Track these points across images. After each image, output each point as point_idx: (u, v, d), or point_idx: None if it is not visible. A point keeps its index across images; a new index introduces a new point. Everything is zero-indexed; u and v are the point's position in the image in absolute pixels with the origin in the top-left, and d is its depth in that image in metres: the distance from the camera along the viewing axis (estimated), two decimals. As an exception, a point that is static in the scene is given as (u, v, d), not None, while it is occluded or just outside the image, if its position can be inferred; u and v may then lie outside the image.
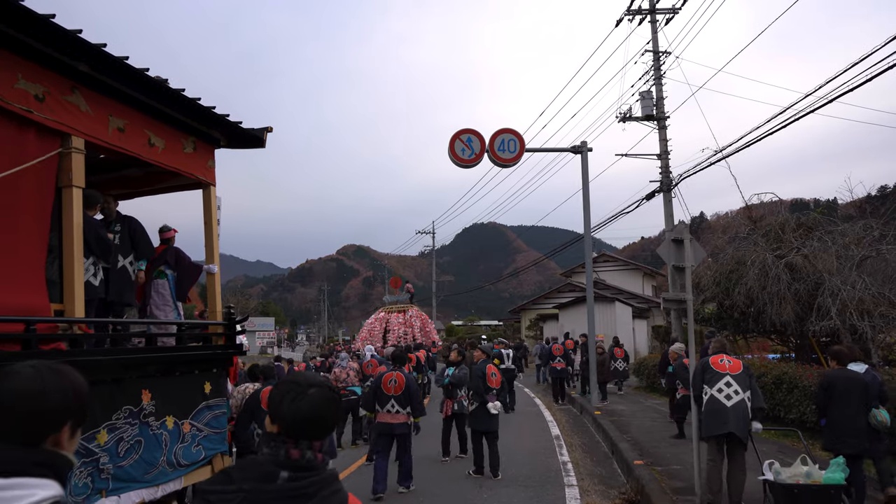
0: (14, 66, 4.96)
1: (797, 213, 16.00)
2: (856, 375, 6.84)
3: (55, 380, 1.78)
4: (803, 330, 13.06)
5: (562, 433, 12.43)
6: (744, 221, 17.34)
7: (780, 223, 14.28)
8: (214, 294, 7.79)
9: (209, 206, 7.69)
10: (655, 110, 18.33)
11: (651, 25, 18.51)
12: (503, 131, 15.67)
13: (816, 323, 11.89)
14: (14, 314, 4.75)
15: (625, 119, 19.02)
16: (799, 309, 12.48)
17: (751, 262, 13.24)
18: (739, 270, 13.65)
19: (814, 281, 12.34)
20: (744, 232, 16.08)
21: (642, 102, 18.56)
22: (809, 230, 13.71)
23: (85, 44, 5.23)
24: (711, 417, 6.82)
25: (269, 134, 7.69)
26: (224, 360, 7.23)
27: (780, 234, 13.90)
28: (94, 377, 5.14)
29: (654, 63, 18.35)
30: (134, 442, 5.68)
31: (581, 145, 16.43)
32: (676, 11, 18.07)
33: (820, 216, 14.45)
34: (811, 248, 12.77)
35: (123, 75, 5.81)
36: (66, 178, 5.42)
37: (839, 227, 13.36)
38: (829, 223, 13.76)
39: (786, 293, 12.41)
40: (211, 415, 6.83)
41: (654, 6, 18.36)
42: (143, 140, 6.31)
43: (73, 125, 5.47)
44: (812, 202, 35.90)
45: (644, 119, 18.55)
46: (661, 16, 18.40)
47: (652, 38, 18.47)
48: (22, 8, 4.66)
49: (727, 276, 14.10)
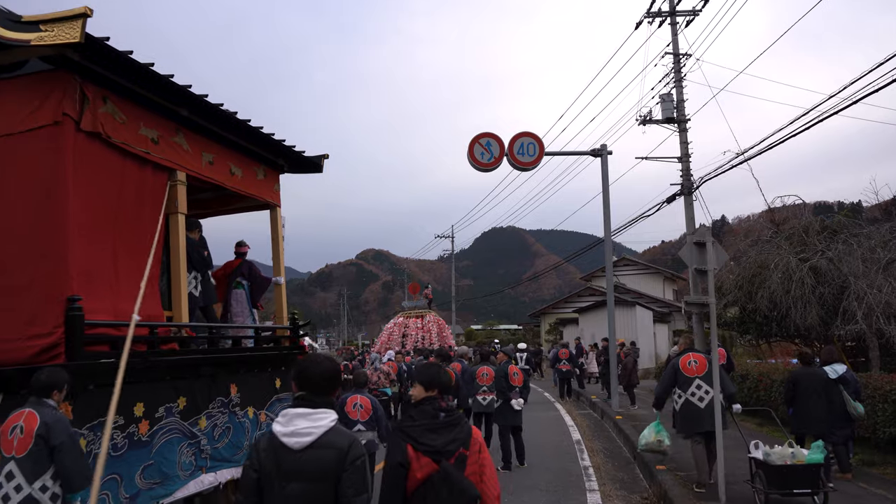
0: (139, 117, 6.01)
1: (821, 216, 15.80)
2: (817, 372, 8.13)
3: (334, 362, 3.21)
4: (828, 334, 12.88)
5: (583, 438, 12.37)
6: (766, 224, 17.16)
7: (803, 226, 14.11)
8: (281, 302, 8.80)
9: (275, 224, 8.65)
10: (676, 113, 18.19)
11: (671, 28, 18.40)
12: (522, 135, 15.67)
13: (842, 327, 11.72)
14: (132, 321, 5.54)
15: (645, 122, 18.90)
16: (823, 313, 12.31)
17: (774, 265, 13.08)
18: (762, 274, 13.49)
19: (839, 284, 12.16)
20: (766, 235, 15.89)
21: (662, 105, 18.42)
22: (834, 233, 13.53)
23: (187, 93, 6.31)
24: (689, 419, 7.73)
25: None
26: (290, 359, 8.14)
27: (804, 237, 13.73)
28: (197, 373, 6.36)
29: (675, 65, 18.24)
30: (225, 427, 6.66)
31: (601, 148, 16.38)
32: (697, 13, 17.96)
33: (845, 219, 14.25)
34: (836, 252, 12.59)
35: (214, 116, 6.91)
36: (172, 206, 6.45)
37: (864, 229, 13.16)
38: (854, 226, 13.56)
39: (810, 297, 12.25)
40: (280, 406, 7.59)
41: (674, 8, 18.25)
42: (226, 170, 7.41)
43: (178, 161, 6.54)
44: (836, 205, 35.46)
45: (664, 122, 18.41)
46: (680, 18, 18.28)
47: (672, 40, 18.36)
48: (149, 71, 5.77)
49: (750, 279, 13.94)
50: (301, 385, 2.99)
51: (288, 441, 2.80)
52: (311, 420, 2.85)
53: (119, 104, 5.79)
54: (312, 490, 2.78)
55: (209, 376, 6.50)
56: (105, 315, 5.42)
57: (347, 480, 2.79)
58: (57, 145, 5.23)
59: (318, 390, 2.95)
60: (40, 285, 5.10)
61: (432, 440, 3.17)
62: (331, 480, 2.79)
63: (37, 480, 4.24)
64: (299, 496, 2.76)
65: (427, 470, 3.10)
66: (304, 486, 2.77)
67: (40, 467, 4.24)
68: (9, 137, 5.32)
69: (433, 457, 3.13)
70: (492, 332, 53.72)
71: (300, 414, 2.87)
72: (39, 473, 4.24)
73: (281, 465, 2.80)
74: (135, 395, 5.53)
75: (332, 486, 2.79)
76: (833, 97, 11.63)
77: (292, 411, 2.90)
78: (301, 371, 3.04)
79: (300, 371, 3.05)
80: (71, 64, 5.28)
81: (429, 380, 3.37)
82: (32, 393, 4.44)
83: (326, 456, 2.79)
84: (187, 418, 6.11)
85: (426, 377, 3.39)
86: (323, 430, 2.83)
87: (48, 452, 4.25)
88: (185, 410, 6.11)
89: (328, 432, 2.84)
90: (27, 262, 5.18)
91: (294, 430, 2.82)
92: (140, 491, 5.39)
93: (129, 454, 5.34)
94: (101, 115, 5.57)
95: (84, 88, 5.42)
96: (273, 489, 2.80)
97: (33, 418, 4.28)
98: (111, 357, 5.24)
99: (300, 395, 2.96)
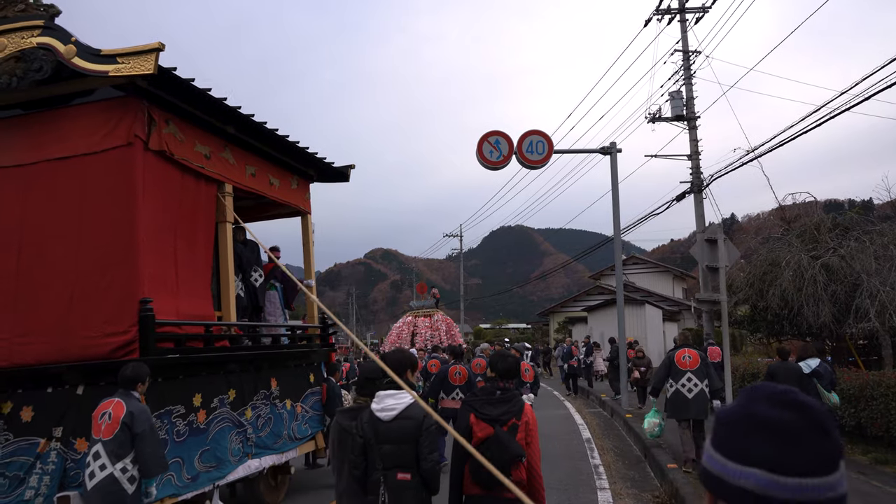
0: (194, 135, 6.69)
1: (832, 213, 15.69)
2: (792, 366, 8.83)
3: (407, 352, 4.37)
4: (840, 332, 12.79)
5: (593, 436, 12.34)
6: (777, 222, 17.05)
7: (815, 223, 14.00)
8: (312, 303, 9.19)
9: (306, 230, 9.39)
10: (685, 110, 18.09)
11: (680, 25, 18.31)
12: (531, 133, 15.61)
13: (854, 325, 11.64)
14: (195, 320, 6.46)
15: (654, 119, 18.81)
16: (836, 311, 12.21)
17: (785, 263, 12.99)
18: (773, 272, 13.40)
19: (851, 282, 12.07)
20: (777, 233, 15.80)
21: (672, 102, 18.33)
22: (846, 230, 13.43)
23: (236, 112, 6.96)
24: (677, 406, 8.85)
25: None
26: (321, 355, 8.98)
27: (816, 234, 13.63)
28: (244, 368, 7.07)
29: (684, 63, 18.14)
30: (267, 418, 7.34)
31: (610, 146, 16.30)
32: (706, 10, 17.85)
33: (856, 216, 14.15)
34: (848, 249, 12.50)
35: (257, 133, 7.62)
36: (221, 215, 7.17)
37: (877, 226, 13.06)
38: (867, 223, 13.45)
39: (822, 295, 12.16)
40: (314, 399, 8.58)
41: (684, 5, 18.15)
42: (266, 181, 8.14)
43: (226, 174, 7.23)
44: (847, 202, 35.16)
45: (674, 119, 18.32)
46: (690, 15, 18.18)
47: (681, 37, 18.26)
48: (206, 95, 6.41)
49: (761, 277, 13.85)
50: (494, 370, 4.22)
51: (380, 415, 3.84)
52: (396, 399, 3.87)
53: (179, 124, 6.45)
54: (400, 449, 3.80)
55: (254, 371, 7.24)
56: (168, 315, 5.99)
57: (424, 442, 3.81)
58: (129, 164, 5.88)
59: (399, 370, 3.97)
60: (117, 288, 5.73)
61: (489, 411, 3.99)
62: (412, 442, 3.80)
63: (119, 462, 4.78)
64: (391, 454, 3.80)
65: (485, 433, 3.93)
66: (394, 446, 3.80)
67: (123, 451, 4.79)
68: (86, 157, 5.94)
69: (490, 423, 3.95)
70: (500, 331, 53.64)
71: (388, 394, 3.90)
72: (122, 456, 4.79)
73: (377, 432, 3.83)
74: (194, 387, 6.23)
75: (413, 446, 3.80)
76: (844, 94, 11.55)
77: (383, 393, 3.91)
78: (385, 358, 4.15)
79: (385, 358, 4.16)
80: (139, 90, 5.89)
81: (492, 365, 4.26)
82: (120, 385, 5.02)
83: (408, 425, 3.81)
84: (236, 409, 6.81)
85: (492, 363, 4.29)
86: (404, 405, 3.84)
87: (131, 438, 4.82)
88: (234, 402, 6.81)
89: (408, 407, 3.84)
90: (105, 267, 5.80)
91: (384, 407, 3.84)
92: (199, 473, 6.05)
93: (190, 440, 6.00)
94: (165, 136, 6.21)
95: (151, 112, 6.05)
96: (373, 449, 3.83)
97: (120, 407, 4.85)
98: (175, 353, 6.00)
99: (388, 381, 3.92)
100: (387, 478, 3.79)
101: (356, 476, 3.93)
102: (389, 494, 3.76)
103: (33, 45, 5.73)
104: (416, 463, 3.81)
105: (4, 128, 6.30)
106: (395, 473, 3.79)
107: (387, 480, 3.78)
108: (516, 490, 2.75)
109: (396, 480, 3.78)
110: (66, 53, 5.62)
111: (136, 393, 5.03)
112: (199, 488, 6.02)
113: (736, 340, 21.40)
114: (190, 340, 6.44)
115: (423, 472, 3.81)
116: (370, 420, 3.87)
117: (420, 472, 3.81)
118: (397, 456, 3.79)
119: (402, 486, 3.77)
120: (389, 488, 3.77)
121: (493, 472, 3.02)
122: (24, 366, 5.84)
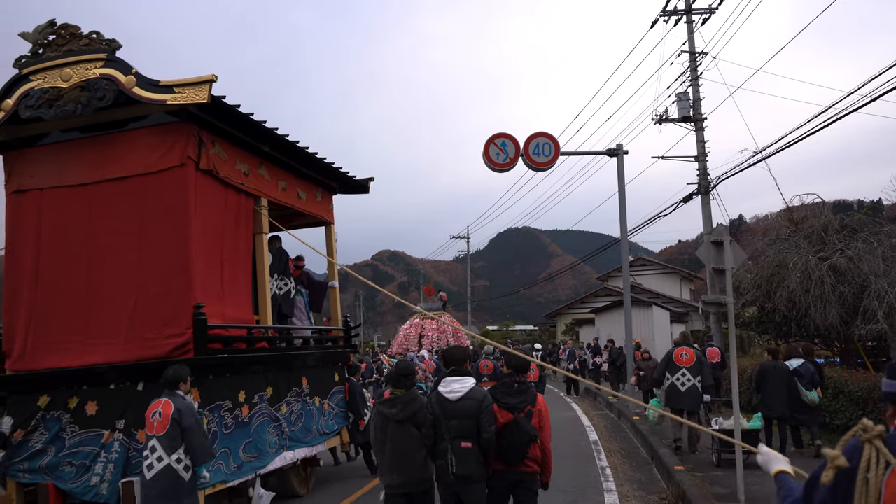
0: (235, 154, 7.34)
1: (840, 215, 15.61)
2: (780, 365, 9.60)
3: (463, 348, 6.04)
4: (848, 334, 12.73)
5: (600, 438, 12.32)
6: (784, 223, 16.97)
7: (822, 225, 13.94)
8: (336, 306, 10.28)
9: (330, 239, 10.04)
10: (692, 112, 18.06)
11: (687, 26, 18.26)
12: (538, 135, 15.62)
13: (862, 326, 11.58)
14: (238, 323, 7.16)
15: (661, 121, 18.77)
16: (844, 312, 12.15)
17: (793, 264, 12.94)
18: (781, 273, 13.34)
19: (859, 283, 12.02)
20: (785, 234, 15.73)
21: (679, 104, 18.28)
22: (854, 231, 13.37)
23: (270, 132, 7.60)
24: (672, 397, 9.92)
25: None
26: (345, 356, 9.74)
27: (823, 235, 13.57)
28: (279, 367, 7.75)
29: (691, 64, 18.11)
30: (299, 413, 8.04)
31: (617, 148, 16.31)
32: (713, 11, 17.80)
33: (865, 217, 14.08)
34: (856, 250, 12.45)
35: (288, 150, 8.29)
36: (258, 227, 7.81)
37: (885, 227, 13.00)
38: (875, 224, 13.39)
39: (830, 296, 12.10)
40: (339, 397, 9.29)
41: (690, 6, 18.11)
42: (295, 194, 8.77)
43: (262, 189, 7.89)
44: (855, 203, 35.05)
45: (681, 121, 18.27)
46: (697, 16, 18.13)
47: (688, 38, 18.22)
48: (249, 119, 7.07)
49: (768, 279, 13.79)
50: (448, 363, 5.25)
51: (448, 396, 4.91)
52: (460, 383, 4.95)
53: (223, 145, 7.11)
54: (464, 423, 4.80)
55: (288, 370, 7.92)
56: (216, 319, 6.57)
57: (484, 417, 4.79)
58: (183, 182, 6.54)
59: (459, 362, 5.14)
60: (174, 295, 6.38)
61: (509, 400, 5.02)
62: (474, 418, 4.78)
63: (173, 454, 5.39)
64: (457, 427, 4.80)
65: (506, 418, 4.93)
66: (460, 421, 4.81)
67: (175, 443, 5.40)
68: (144, 176, 6.62)
69: (509, 410, 4.95)
70: (507, 333, 53.59)
71: (454, 380, 4.97)
72: (175, 448, 5.40)
73: (445, 410, 4.86)
74: (238, 385, 6.93)
75: (475, 421, 4.78)
76: (852, 94, 11.51)
77: (450, 379, 5.00)
78: (447, 354, 5.51)
79: (447, 354, 5.52)
80: (191, 115, 6.53)
81: (507, 363, 5.54)
82: (165, 385, 5.63)
83: (471, 404, 4.83)
84: (273, 405, 7.49)
85: (507, 361, 5.56)
86: (467, 388, 4.91)
87: (180, 432, 5.41)
88: (271, 398, 7.48)
89: (470, 390, 4.90)
90: (163, 275, 6.46)
91: (451, 389, 4.92)
92: (243, 463, 6.70)
93: (236, 432, 6.68)
94: (212, 156, 6.87)
95: (201, 135, 6.71)
96: (441, 423, 4.85)
97: (169, 405, 5.45)
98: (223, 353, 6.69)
99: (452, 369, 5.08)
100: (453, 445, 4.79)
101: (427, 445, 4.92)
102: (455, 458, 4.77)
103: (97, 75, 6.35)
104: (476, 434, 4.77)
105: (66, 150, 7.00)
106: (460, 442, 4.79)
107: (453, 447, 4.79)
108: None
109: (460, 448, 4.79)
110: (127, 83, 6.24)
111: (180, 391, 5.61)
112: (244, 476, 6.72)
113: (744, 342, 21.30)
114: (235, 342, 7.10)
115: (482, 442, 4.78)
116: (438, 401, 4.92)
117: (480, 441, 4.78)
118: (462, 428, 4.79)
119: (464, 452, 4.78)
120: (455, 453, 4.78)
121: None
122: (90, 365, 6.50)
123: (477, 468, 4.83)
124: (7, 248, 7.18)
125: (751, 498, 7.02)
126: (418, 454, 4.96)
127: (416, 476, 4.98)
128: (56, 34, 6.67)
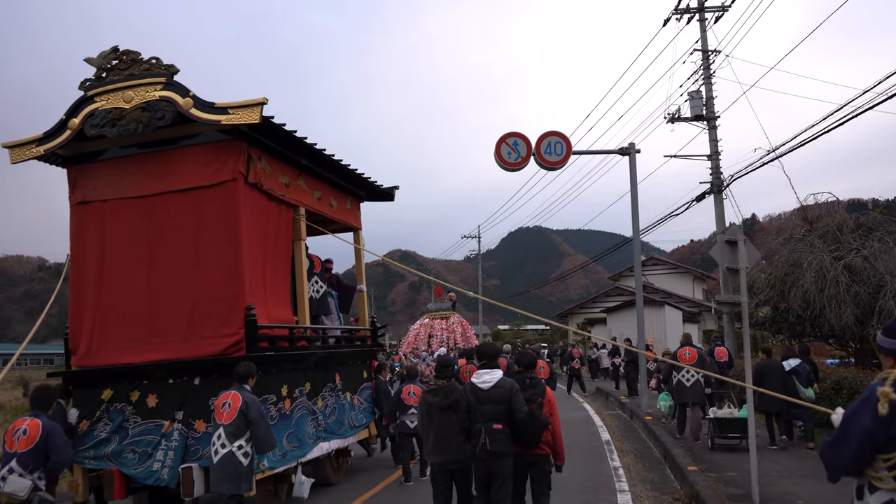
0: (277, 168, 8.01)
1: (855, 214, 15.47)
2: (776, 364, 10.39)
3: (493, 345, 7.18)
4: (863, 334, 12.62)
5: (612, 438, 12.28)
6: (799, 222, 16.86)
7: (837, 224, 13.84)
8: (363, 307, 11.05)
9: (357, 243, 10.74)
10: (705, 110, 17.96)
11: (700, 24, 18.17)
12: (549, 134, 15.56)
13: (878, 327, 11.46)
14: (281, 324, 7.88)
15: (673, 120, 18.68)
16: (859, 312, 12.06)
17: (807, 264, 12.85)
18: (795, 273, 13.25)
19: (875, 283, 11.92)
20: (799, 233, 15.62)
21: (691, 102, 18.19)
22: (869, 231, 13.26)
23: (308, 146, 8.27)
24: (678, 392, 11.30)
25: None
26: (372, 354, 10.49)
27: (838, 234, 13.47)
28: (316, 364, 8.43)
29: (704, 62, 18.01)
30: (333, 407, 8.74)
31: (629, 147, 16.21)
32: (726, 9, 17.70)
33: (880, 216, 13.96)
34: (871, 250, 12.35)
35: (324, 162, 8.94)
36: (296, 234, 8.49)
37: (901, 226, 12.88)
38: (890, 223, 13.27)
39: (845, 296, 12.01)
40: (367, 392, 9.99)
41: (703, 4, 18.01)
42: (328, 203, 9.48)
43: (300, 199, 8.57)
44: (870, 202, 34.68)
45: (693, 119, 18.17)
46: (709, 14, 18.04)
47: (701, 36, 18.13)
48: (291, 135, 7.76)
49: (782, 278, 13.70)
50: (481, 357, 6.10)
51: (480, 385, 5.66)
52: (491, 374, 5.70)
53: (267, 160, 7.77)
54: (495, 408, 5.53)
55: (323, 367, 8.58)
56: (262, 319, 7.19)
57: (515, 400, 5.52)
58: (234, 195, 7.19)
59: (490, 358, 5.95)
60: (228, 297, 7.01)
61: (523, 393, 5.65)
62: (505, 403, 5.52)
63: (236, 441, 5.92)
64: (489, 411, 5.53)
65: None
66: (492, 406, 5.54)
67: (239, 432, 5.94)
68: (199, 189, 7.27)
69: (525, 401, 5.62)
70: (519, 333, 53.51)
71: (485, 372, 5.74)
72: (238, 437, 5.93)
73: (479, 397, 5.62)
74: (282, 380, 7.54)
75: (506, 406, 5.51)
76: (867, 92, 11.40)
77: (481, 371, 5.77)
78: (480, 350, 6.45)
79: (480, 349, 6.52)
80: (241, 134, 7.17)
81: (518, 361, 6.26)
82: (234, 380, 6.17)
83: (501, 391, 5.57)
84: (311, 399, 8.15)
85: (518, 360, 6.30)
86: (497, 378, 5.65)
87: (246, 423, 5.95)
88: (309, 392, 8.14)
89: (500, 380, 5.64)
90: (218, 280, 7.09)
91: (483, 380, 5.67)
92: (287, 452, 7.35)
93: (280, 423, 7.29)
94: (258, 170, 7.52)
95: (249, 151, 7.34)
96: (475, 409, 5.59)
97: (237, 398, 6.00)
98: (271, 351, 7.37)
99: (483, 363, 5.90)
100: (486, 427, 5.51)
101: (464, 428, 5.65)
102: (488, 438, 5.49)
103: (156, 97, 6.96)
104: (506, 417, 5.51)
105: (124, 164, 7.65)
106: (492, 425, 5.51)
107: (486, 429, 5.51)
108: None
109: (493, 429, 5.51)
110: (185, 105, 6.86)
111: (247, 386, 6.18)
112: (287, 464, 7.35)
113: (757, 342, 21.15)
114: (279, 340, 7.80)
115: (518, 421, 5.49)
116: (472, 390, 5.69)
117: (516, 421, 5.50)
118: (493, 412, 5.52)
119: (496, 432, 5.50)
120: (488, 434, 5.50)
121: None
122: (150, 361, 7.15)
123: (507, 446, 5.55)
124: (72, 255, 7.77)
125: (765, 499, 6.97)
126: (457, 437, 5.65)
127: (456, 456, 5.70)
128: (118, 59, 7.29)
